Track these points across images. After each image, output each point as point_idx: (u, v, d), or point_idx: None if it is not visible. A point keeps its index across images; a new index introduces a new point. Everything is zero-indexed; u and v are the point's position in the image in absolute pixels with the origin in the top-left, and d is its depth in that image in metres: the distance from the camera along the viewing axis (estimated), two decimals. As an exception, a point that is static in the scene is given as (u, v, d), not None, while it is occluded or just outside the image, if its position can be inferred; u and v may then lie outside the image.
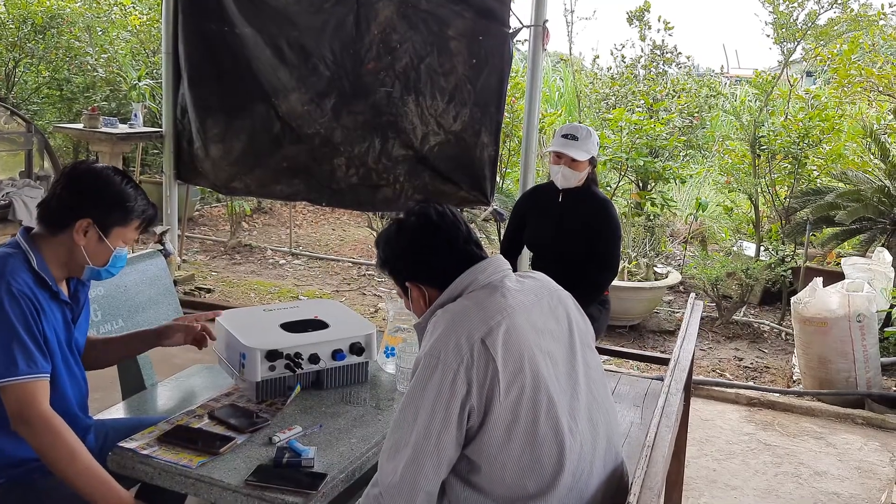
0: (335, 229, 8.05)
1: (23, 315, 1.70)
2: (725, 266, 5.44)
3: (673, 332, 5.20)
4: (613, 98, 7.07)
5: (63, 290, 1.86)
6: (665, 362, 2.95)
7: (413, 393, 1.47)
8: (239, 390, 2.07)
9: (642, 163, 5.78)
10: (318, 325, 2.20)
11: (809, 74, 9.52)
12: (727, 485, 3.23)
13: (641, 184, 6.26)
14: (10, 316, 1.69)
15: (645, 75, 7.09)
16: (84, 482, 1.68)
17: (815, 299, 4.10)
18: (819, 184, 5.82)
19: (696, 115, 6.83)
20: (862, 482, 3.30)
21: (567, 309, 1.66)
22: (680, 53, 7.15)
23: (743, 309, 5.70)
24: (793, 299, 4.32)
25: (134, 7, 8.48)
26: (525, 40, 4.27)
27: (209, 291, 5.46)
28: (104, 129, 5.42)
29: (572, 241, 3.24)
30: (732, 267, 5.47)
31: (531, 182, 4.07)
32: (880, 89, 6.17)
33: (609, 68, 7.70)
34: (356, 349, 2.15)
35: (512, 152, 6.38)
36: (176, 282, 4.24)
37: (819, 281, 4.23)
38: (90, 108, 5.78)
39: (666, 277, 5.54)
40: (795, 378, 4.45)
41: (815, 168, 5.88)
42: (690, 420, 2.79)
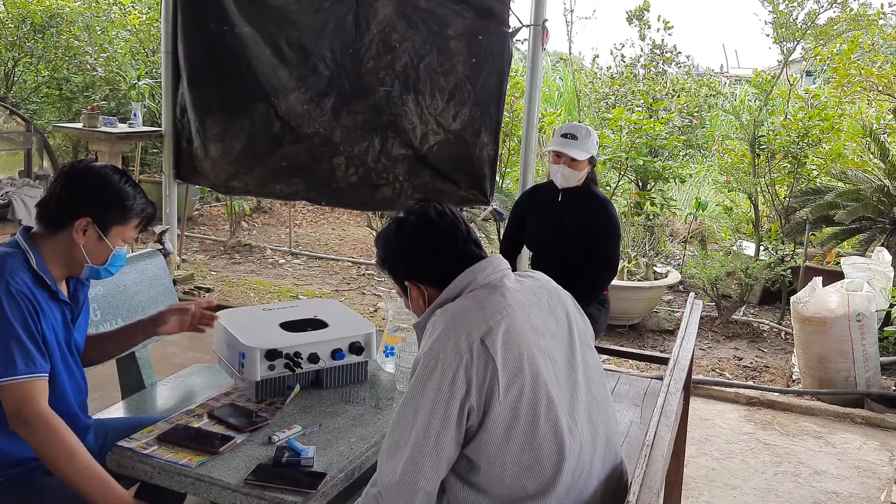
0: (335, 229, 8.05)
1: (21, 315, 1.70)
2: (725, 265, 5.44)
3: (672, 332, 5.21)
4: (613, 97, 7.07)
5: (62, 290, 1.86)
6: (664, 362, 2.95)
7: (412, 392, 1.47)
8: (238, 389, 2.07)
9: (642, 162, 5.78)
10: (318, 325, 2.20)
11: (809, 74, 9.52)
12: (726, 484, 3.23)
13: (641, 183, 6.26)
14: (9, 316, 1.69)
15: (644, 75, 7.09)
16: (83, 482, 1.68)
17: (815, 299, 4.10)
18: (818, 183, 5.82)
19: (696, 115, 6.83)
20: (861, 481, 3.30)
21: (566, 308, 1.66)
22: (679, 53, 7.16)
23: (742, 308, 5.71)
24: (792, 299, 4.32)
25: (133, 6, 8.47)
26: (525, 40, 4.27)
27: (209, 291, 5.46)
28: (103, 129, 5.42)
29: (572, 241, 3.24)
30: (732, 266, 5.47)
31: (531, 181, 4.06)
32: (880, 89, 6.17)
33: (609, 68, 7.71)
34: (355, 348, 2.15)
35: (511, 152, 6.38)
36: (175, 281, 4.25)
37: (818, 280, 4.23)
38: (89, 108, 5.78)
39: (665, 277, 5.55)
40: (795, 377, 4.46)
41: (815, 167, 5.88)
42: (690, 419, 2.79)
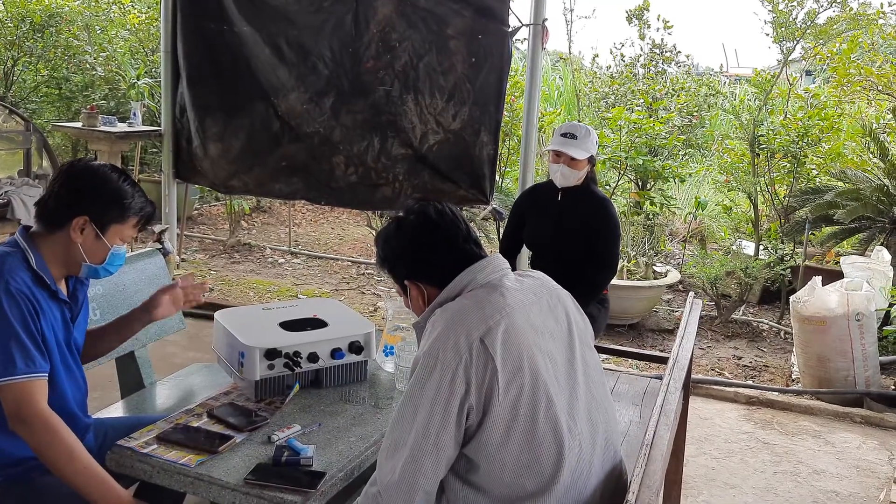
0: (334, 228, 8.05)
1: (21, 314, 1.70)
2: (724, 265, 5.44)
3: (672, 331, 5.21)
4: (613, 97, 7.07)
5: (62, 289, 1.86)
6: (664, 361, 2.95)
7: (412, 392, 1.47)
8: (238, 389, 2.07)
9: (641, 162, 5.78)
10: (317, 324, 2.20)
11: (809, 73, 9.52)
12: (726, 483, 3.23)
13: (641, 183, 6.26)
14: (9, 315, 1.69)
15: (644, 74, 7.09)
16: (83, 481, 1.68)
17: (814, 298, 4.10)
18: (818, 183, 5.82)
19: (696, 114, 6.83)
20: (860, 480, 3.30)
21: (566, 308, 1.66)
22: (679, 52, 7.16)
23: (742, 308, 5.71)
24: (792, 298, 4.32)
25: (132, 6, 8.47)
26: (524, 39, 4.27)
27: (208, 290, 5.46)
28: (103, 128, 5.42)
29: (571, 240, 3.24)
30: (731, 266, 5.47)
31: (530, 181, 4.06)
32: (879, 88, 6.17)
33: (608, 67, 7.71)
34: (355, 348, 2.15)
35: (511, 151, 6.38)
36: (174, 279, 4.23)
37: (818, 280, 4.23)
38: (89, 107, 5.77)
39: (665, 276, 5.55)
40: (794, 377, 4.46)
41: (815, 167, 5.88)
42: (689, 419, 2.79)
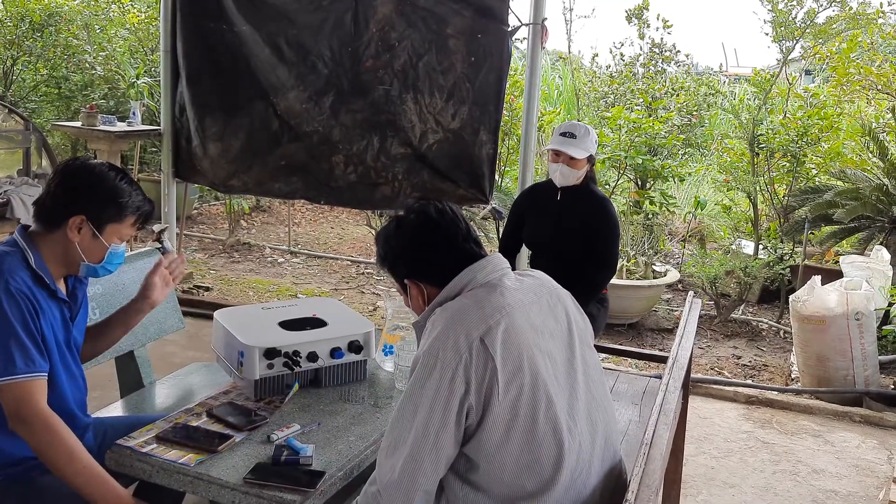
0: (334, 227, 8.05)
1: (21, 314, 1.70)
2: (724, 264, 5.44)
3: (671, 331, 5.21)
4: (612, 96, 7.06)
5: (61, 288, 1.86)
6: (663, 360, 2.95)
7: (412, 391, 1.47)
8: (237, 388, 2.07)
9: (641, 161, 5.78)
10: (317, 324, 2.20)
11: (808, 73, 9.52)
12: (725, 483, 3.23)
13: (640, 182, 6.26)
14: (9, 315, 1.68)
15: (644, 73, 7.09)
16: (83, 481, 1.68)
17: (814, 297, 4.10)
18: (817, 182, 5.82)
19: (695, 114, 6.83)
20: (860, 480, 3.31)
21: (566, 307, 1.66)
22: (679, 52, 7.15)
23: (741, 307, 5.71)
24: (791, 297, 4.32)
25: (132, 5, 8.46)
26: (524, 38, 4.26)
27: (207, 290, 5.46)
28: (102, 127, 5.41)
29: (571, 240, 3.24)
30: (731, 265, 5.48)
31: (530, 180, 4.06)
32: (879, 88, 6.17)
33: (608, 66, 7.70)
34: (354, 347, 2.15)
35: (511, 150, 6.38)
36: (174, 280, 4.23)
37: (817, 279, 4.23)
38: (88, 106, 5.77)
39: (664, 276, 5.55)
40: (794, 376, 4.46)
41: (814, 166, 5.88)
42: (689, 418, 2.79)
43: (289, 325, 2.17)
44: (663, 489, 2.62)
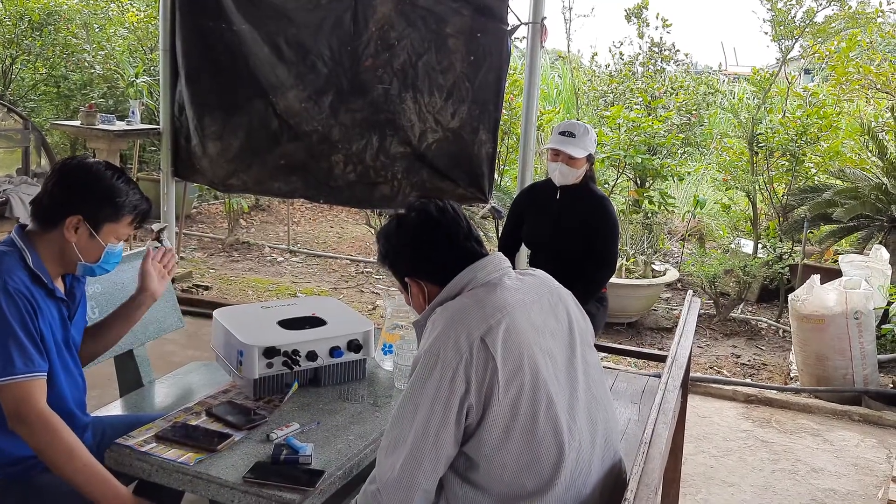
0: (333, 227, 8.05)
1: (19, 313, 1.70)
2: (723, 263, 5.45)
3: (670, 330, 5.21)
4: (611, 95, 7.07)
5: (59, 287, 1.86)
6: (662, 359, 2.95)
7: (412, 390, 1.47)
8: (237, 387, 2.07)
9: (640, 160, 5.78)
10: (316, 323, 2.20)
11: (807, 72, 9.51)
12: (724, 481, 3.23)
13: (639, 181, 6.26)
14: (7, 315, 1.68)
15: (643, 73, 7.09)
16: (83, 479, 1.68)
17: (813, 296, 4.11)
18: (817, 181, 5.82)
19: (694, 113, 6.83)
20: (859, 479, 3.31)
21: (567, 307, 1.66)
22: (678, 51, 7.16)
23: (740, 306, 5.71)
24: (790, 296, 4.33)
25: (131, 4, 8.46)
26: (523, 37, 4.27)
27: (207, 289, 5.46)
28: (101, 126, 5.41)
29: (570, 239, 3.24)
30: (730, 264, 5.48)
31: (529, 179, 4.06)
32: (878, 87, 6.17)
33: (607, 65, 7.71)
34: (354, 346, 2.15)
35: (510, 150, 6.38)
36: (173, 279, 4.23)
37: (816, 278, 4.23)
38: (87, 105, 5.76)
39: (664, 275, 5.55)
40: (793, 375, 4.46)
41: (813, 165, 5.88)
42: (688, 417, 2.79)
43: (288, 325, 2.16)
44: (662, 488, 2.62)
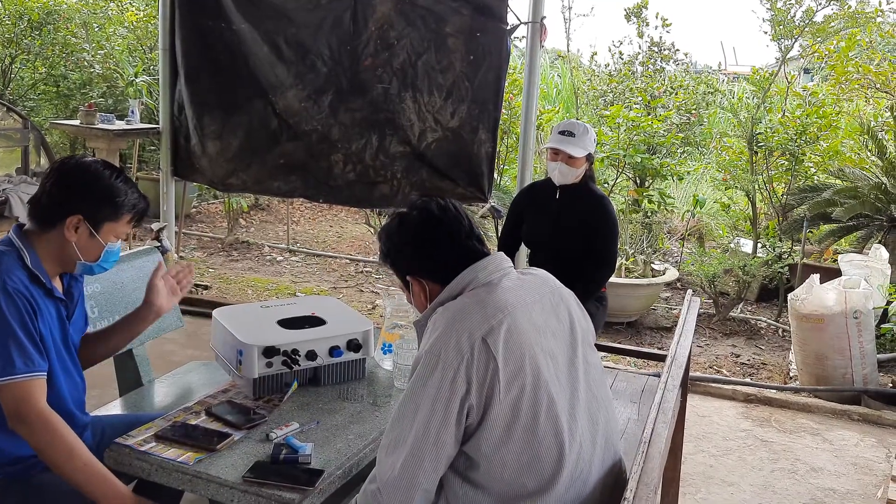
0: (333, 226, 8.05)
1: (19, 313, 1.70)
2: (723, 263, 5.45)
3: (670, 329, 5.21)
4: (611, 95, 7.06)
5: (57, 287, 1.86)
6: (662, 359, 2.95)
7: (413, 390, 1.47)
8: (236, 387, 2.07)
9: (640, 159, 5.78)
10: (316, 322, 2.20)
11: (807, 71, 9.51)
12: (724, 481, 3.24)
13: (639, 180, 6.26)
14: (6, 314, 1.68)
15: (643, 72, 7.09)
16: (83, 479, 1.68)
17: (812, 296, 4.11)
18: (816, 181, 5.83)
19: (694, 112, 6.83)
20: (858, 478, 3.31)
21: (568, 307, 1.66)
22: (678, 50, 7.16)
23: (740, 306, 5.72)
24: (790, 296, 4.33)
25: (131, 3, 8.45)
26: (523, 37, 4.27)
27: (206, 288, 5.46)
28: (101, 126, 5.41)
29: (569, 238, 3.24)
30: (730, 264, 5.48)
31: (529, 179, 4.06)
32: (877, 86, 6.17)
33: (607, 65, 7.71)
34: (353, 346, 2.15)
35: (509, 149, 6.37)
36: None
37: (816, 278, 4.23)
38: (87, 105, 5.76)
39: (663, 274, 5.55)
40: (792, 374, 4.46)
41: (813, 165, 5.89)
42: (687, 416, 2.79)
43: (287, 324, 2.16)
44: (662, 487, 2.62)
